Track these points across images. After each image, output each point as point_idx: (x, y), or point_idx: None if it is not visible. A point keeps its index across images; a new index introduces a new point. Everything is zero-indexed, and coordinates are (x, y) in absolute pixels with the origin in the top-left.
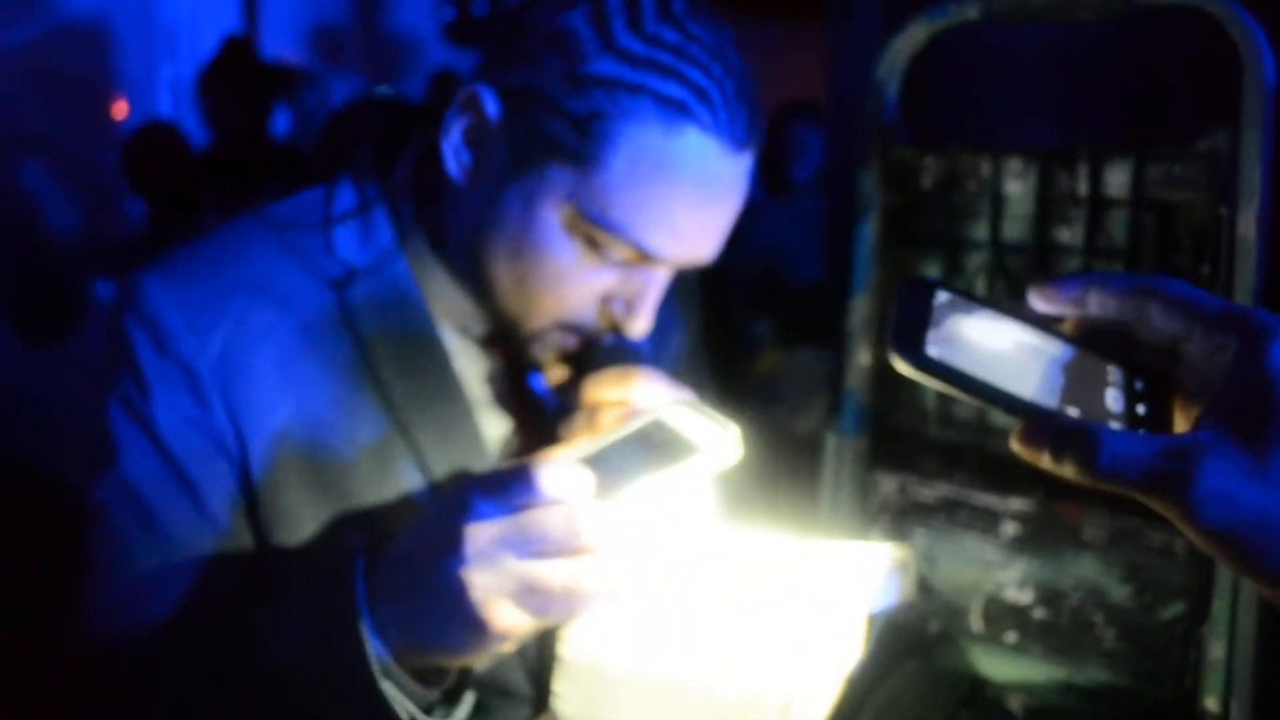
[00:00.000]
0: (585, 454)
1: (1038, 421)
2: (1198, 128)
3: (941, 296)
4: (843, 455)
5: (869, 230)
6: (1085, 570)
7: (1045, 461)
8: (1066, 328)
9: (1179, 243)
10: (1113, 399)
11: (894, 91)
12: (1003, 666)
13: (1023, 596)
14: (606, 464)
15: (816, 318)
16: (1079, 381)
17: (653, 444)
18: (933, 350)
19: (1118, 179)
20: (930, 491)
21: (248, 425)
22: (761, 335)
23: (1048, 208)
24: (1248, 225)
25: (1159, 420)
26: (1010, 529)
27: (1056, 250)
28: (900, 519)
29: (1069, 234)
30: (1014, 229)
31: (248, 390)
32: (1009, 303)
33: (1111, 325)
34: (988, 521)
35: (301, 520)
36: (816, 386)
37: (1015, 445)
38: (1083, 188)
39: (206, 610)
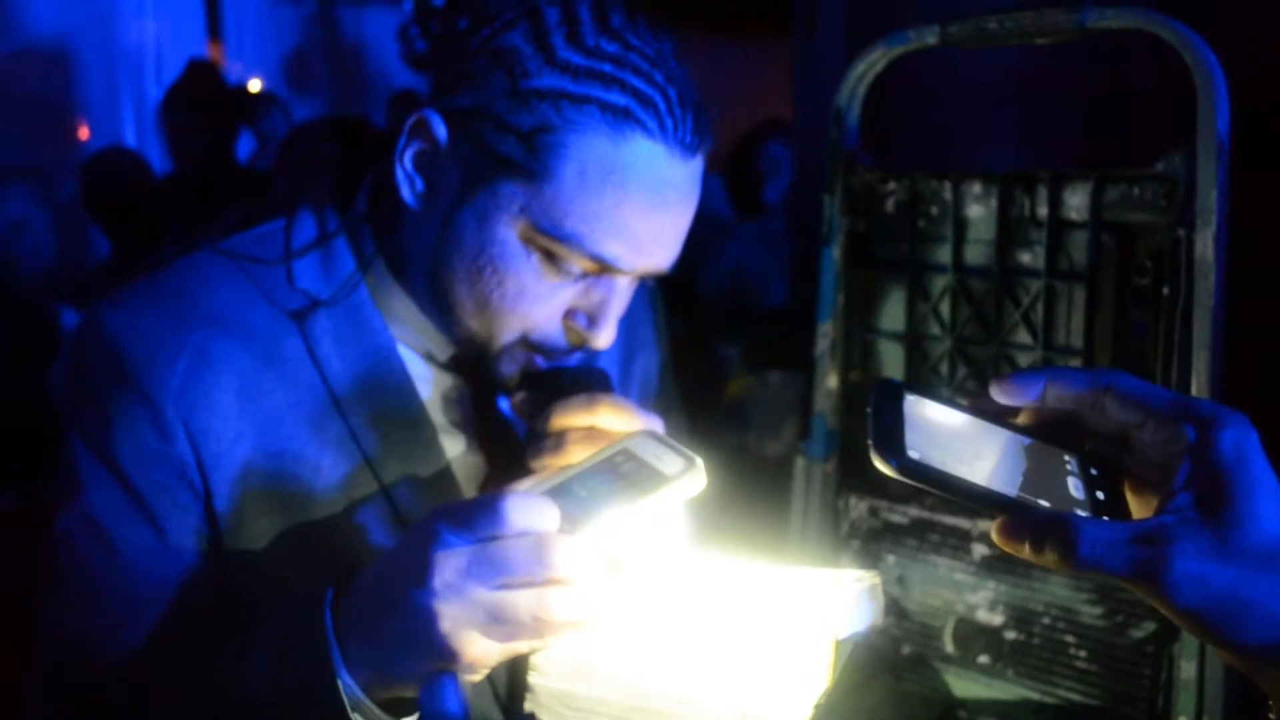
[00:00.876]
0: (552, 484)
1: (1016, 516)
2: (1156, 150)
3: (910, 397)
4: (812, 479)
5: (834, 255)
6: (1056, 591)
7: (1025, 553)
8: (1021, 418)
9: (1138, 264)
10: (1073, 486)
11: (855, 117)
12: (975, 688)
13: (994, 618)
14: (573, 494)
15: (785, 341)
16: (1041, 471)
17: (619, 474)
18: (913, 454)
19: (1077, 201)
20: (900, 514)
21: (210, 456)
22: (731, 359)
23: (1009, 231)
24: (1205, 246)
25: (1116, 504)
26: (981, 550)
27: (1018, 273)
28: (871, 542)
29: (1030, 257)
30: (976, 253)
31: (210, 421)
32: (969, 397)
33: (1065, 416)
34: (958, 543)
35: (268, 551)
36: (786, 410)
37: (996, 538)
38: (1043, 211)
39: (173, 643)
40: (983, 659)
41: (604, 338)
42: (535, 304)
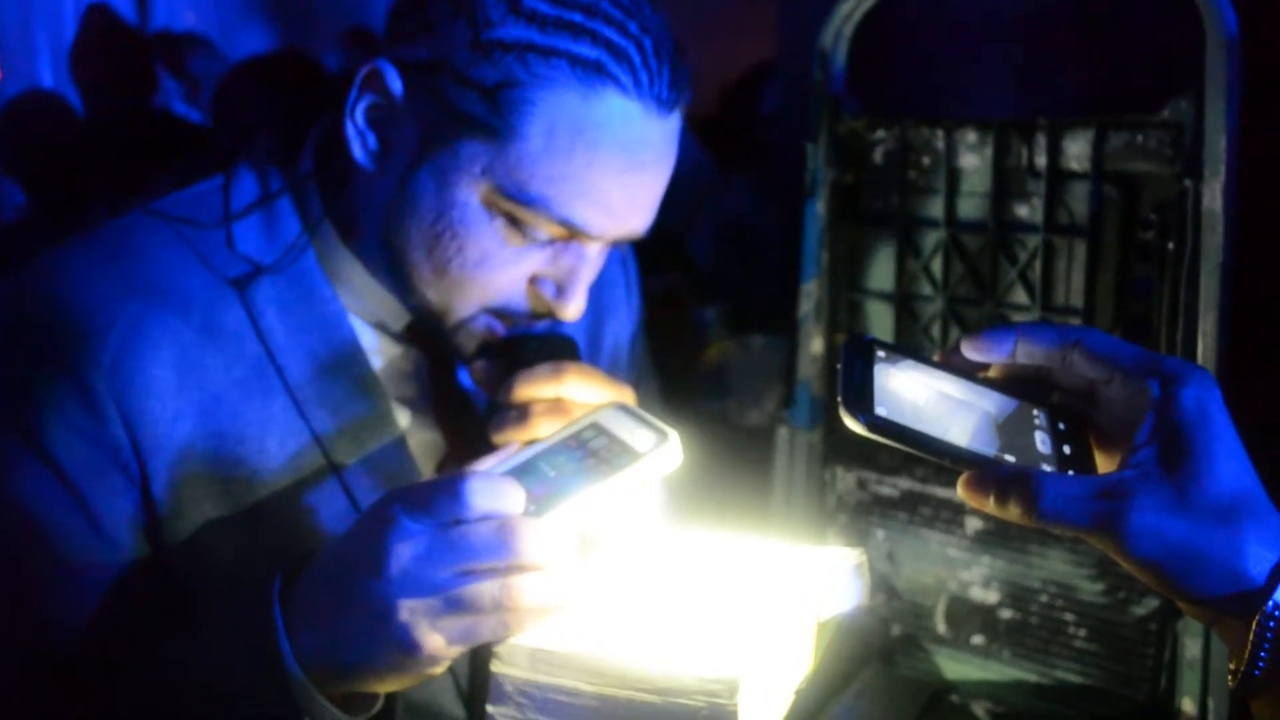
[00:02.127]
0: (517, 462)
1: (982, 470)
2: (1162, 97)
3: (880, 353)
4: (797, 449)
5: (818, 209)
6: (1054, 567)
7: (990, 506)
8: (991, 373)
9: (1143, 217)
10: (1041, 441)
11: (841, 60)
12: (968, 670)
13: (989, 596)
14: (540, 473)
15: (772, 302)
16: (1010, 426)
17: (589, 450)
18: (881, 410)
19: (1077, 150)
20: (890, 486)
21: (146, 438)
22: (710, 321)
23: (1005, 182)
24: (1213, 198)
25: (1082, 458)
26: (974, 524)
27: (1014, 228)
28: (859, 516)
29: (1027, 210)
30: (970, 206)
31: (145, 400)
32: (939, 352)
33: (1034, 371)
34: (950, 517)
35: (211, 539)
36: (769, 376)
37: (961, 492)
38: (1041, 160)
39: (111, 641)
40: (976, 639)
41: (573, 308)
42: (498, 271)
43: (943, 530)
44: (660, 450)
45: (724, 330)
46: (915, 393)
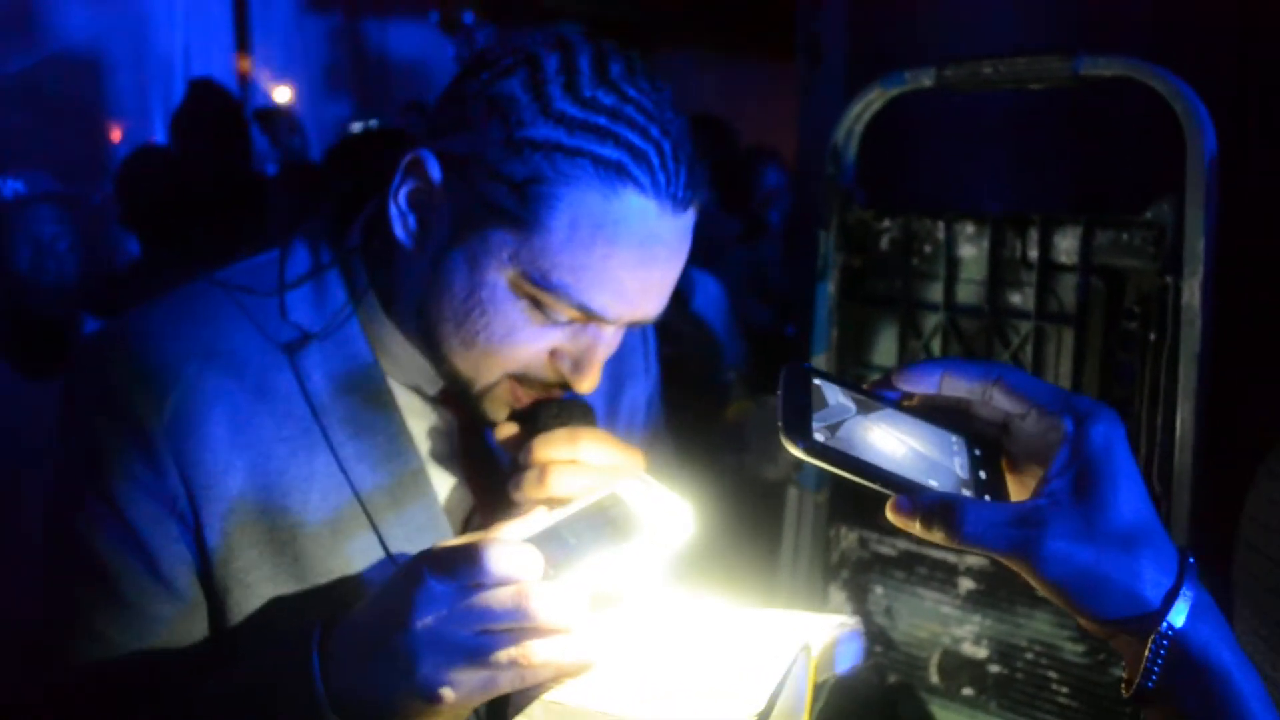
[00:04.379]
0: (541, 529)
1: (909, 495)
2: (1147, 193)
3: (816, 381)
4: (804, 508)
5: (829, 289)
6: (1040, 627)
7: (916, 529)
8: (916, 403)
9: (1126, 308)
10: (960, 466)
11: (852, 154)
12: (960, 719)
13: (979, 651)
14: (560, 540)
15: (772, 361)
16: (932, 453)
17: (608, 520)
18: (819, 435)
19: (1067, 245)
20: (889, 546)
21: (200, 488)
22: (732, 381)
23: (1000, 272)
24: (1192, 294)
25: (996, 483)
26: (967, 584)
27: (1008, 314)
28: (860, 572)
29: (1020, 298)
30: (967, 292)
31: (200, 454)
32: (869, 382)
33: (955, 403)
34: (945, 577)
35: (257, 583)
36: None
37: (890, 515)
38: (1034, 253)
39: (163, 674)
40: (967, 691)
41: (588, 383)
42: (521, 346)
43: (937, 589)
44: (674, 523)
45: (743, 391)
46: (848, 420)
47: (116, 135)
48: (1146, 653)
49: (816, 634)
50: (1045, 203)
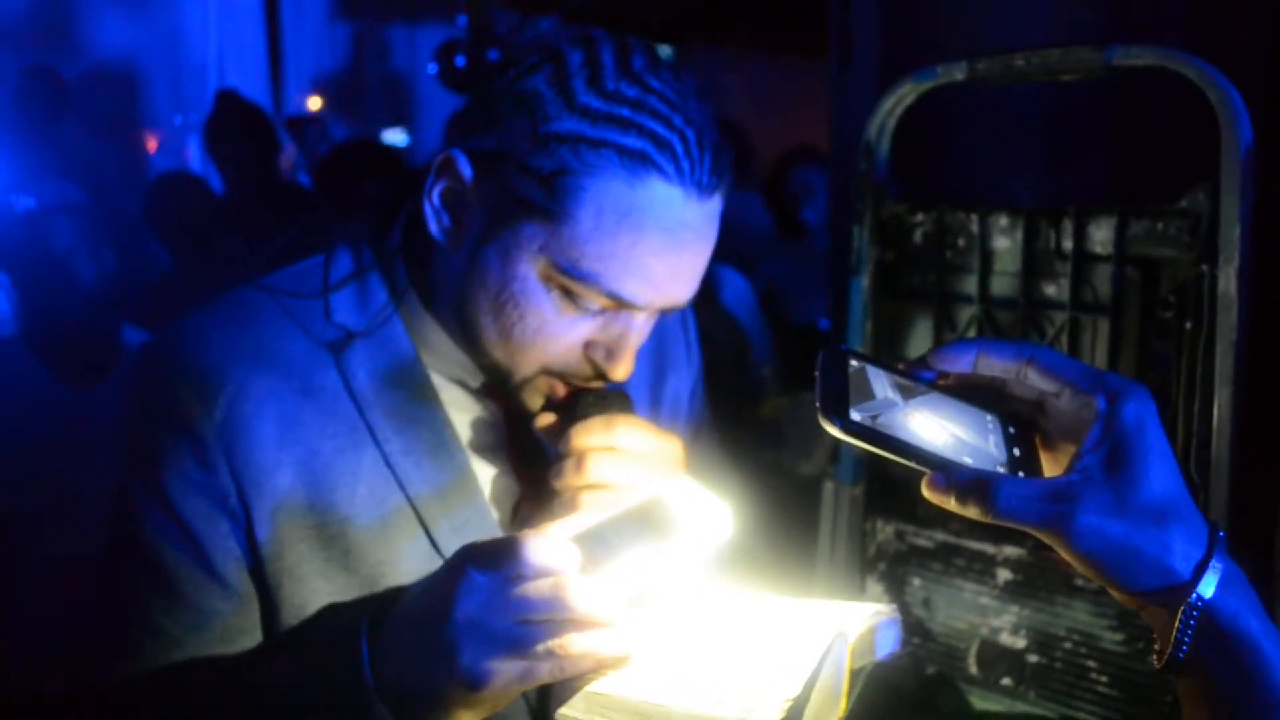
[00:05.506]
0: (584, 526)
1: (944, 473)
2: (1180, 185)
3: (853, 362)
4: (841, 502)
5: (863, 285)
6: (1078, 616)
7: (952, 505)
8: (951, 382)
9: (1162, 298)
10: (994, 444)
11: (885, 150)
12: (998, 709)
13: (1017, 641)
14: (602, 537)
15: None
16: (968, 431)
17: (649, 519)
18: (856, 415)
19: (1101, 236)
20: (926, 538)
21: (251, 487)
22: (767, 378)
23: (1034, 263)
24: (1228, 282)
25: (1031, 461)
26: (1004, 575)
27: (1043, 305)
28: (897, 565)
29: (1055, 289)
30: (1002, 284)
31: (250, 453)
32: (905, 363)
33: (990, 382)
34: (983, 568)
35: (306, 577)
36: (818, 430)
37: (925, 491)
38: (1068, 244)
39: (218, 666)
40: (1006, 681)
41: (621, 370)
42: (555, 337)
43: (975, 580)
44: (713, 524)
45: (777, 388)
46: (884, 399)
47: (152, 145)
48: (1177, 624)
49: (854, 621)
50: (1079, 194)
